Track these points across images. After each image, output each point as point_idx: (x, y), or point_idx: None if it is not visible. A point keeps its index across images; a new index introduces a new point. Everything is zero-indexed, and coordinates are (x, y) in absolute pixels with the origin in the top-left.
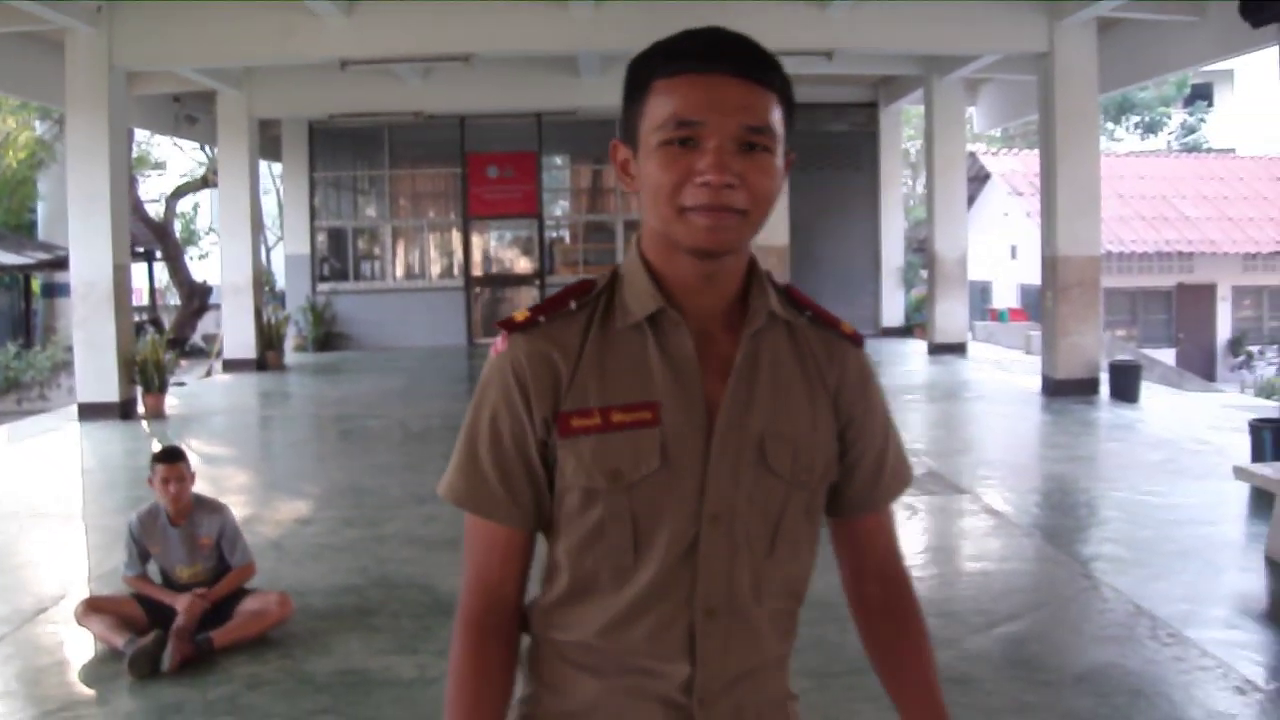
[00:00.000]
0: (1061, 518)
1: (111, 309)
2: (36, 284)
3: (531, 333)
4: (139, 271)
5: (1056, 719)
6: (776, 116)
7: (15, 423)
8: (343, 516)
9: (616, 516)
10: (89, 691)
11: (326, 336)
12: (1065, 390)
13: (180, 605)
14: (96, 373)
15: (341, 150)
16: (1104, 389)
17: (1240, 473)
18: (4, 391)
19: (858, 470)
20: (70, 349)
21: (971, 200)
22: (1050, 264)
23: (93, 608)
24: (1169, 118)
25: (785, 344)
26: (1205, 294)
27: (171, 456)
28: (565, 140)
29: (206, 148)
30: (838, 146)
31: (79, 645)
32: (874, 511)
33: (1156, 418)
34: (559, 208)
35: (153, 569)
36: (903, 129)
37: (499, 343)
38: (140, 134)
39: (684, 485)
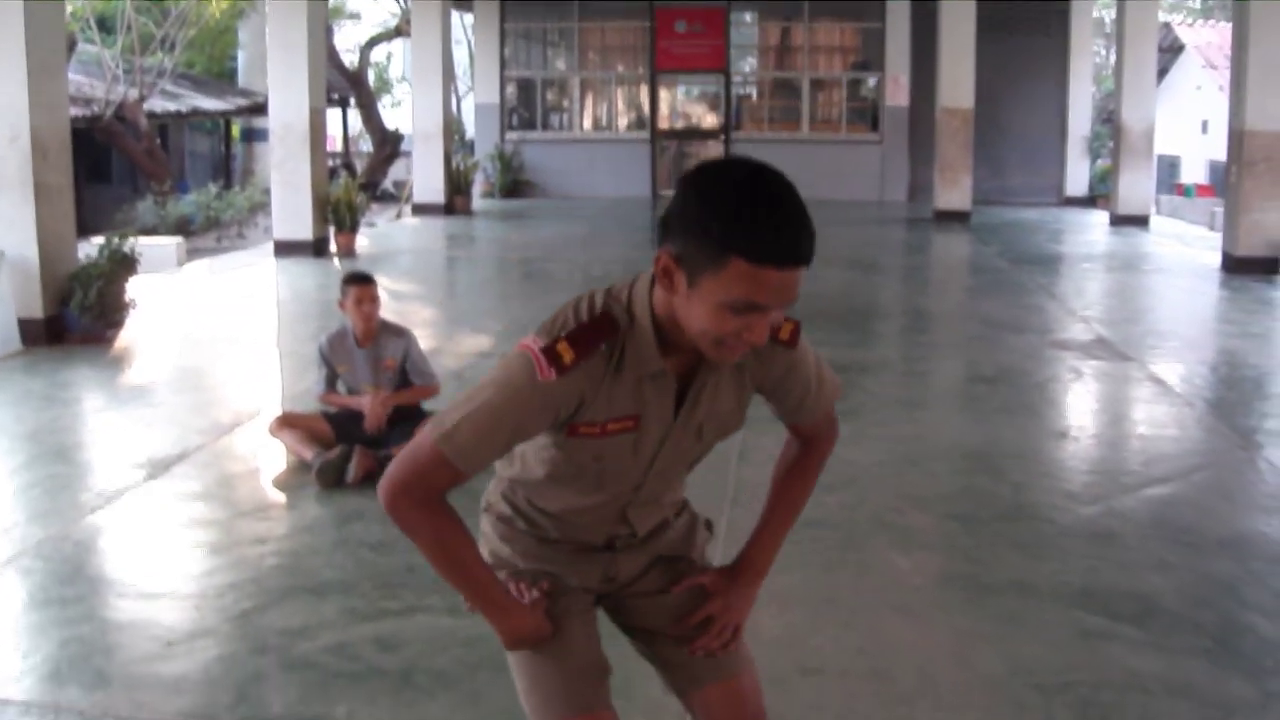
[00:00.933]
0: (1226, 390)
1: (307, 151)
2: (236, 129)
3: (571, 375)
4: (333, 118)
5: (1194, 578)
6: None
7: (215, 258)
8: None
9: (592, 475)
10: (279, 497)
11: (513, 184)
12: (1245, 268)
13: (365, 405)
14: (293, 212)
15: (532, 1)
16: None
17: None
18: (205, 230)
19: (784, 408)
20: (267, 191)
21: (1164, 73)
22: (1237, 137)
23: (285, 423)
24: None
25: (729, 371)
26: None
27: (364, 279)
28: None
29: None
30: (1027, 13)
31: (271, 456)
32: (796, 424)
33: None
34: (746, 64)
35: (340, 391)
36: None
37: (543, 366)
38: None
39: (643, 461)
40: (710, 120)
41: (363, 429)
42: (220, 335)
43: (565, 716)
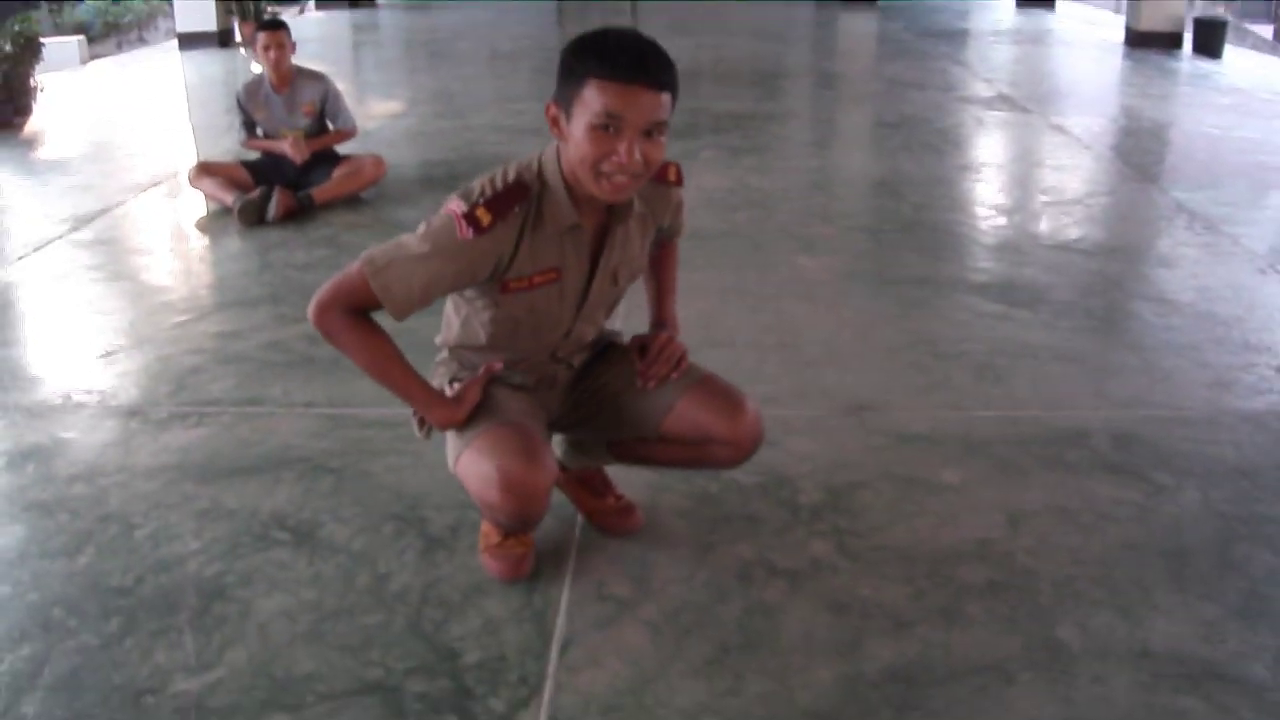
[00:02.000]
0: (1123, 138)
1: None
2: None
3: (489, 234)
4: None
5: (1085, 275)
6: (668, 108)
7: (118, 55)
8: (434, 111)
9: (527, 327)
10: (202, 237)
11: None
12: (1147, 42)
13: (285, 147)
14: (195, 3)
15: None
16: (1187, 47)
17: None
18: (104, 36)
19: (666, 234)
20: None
21: None
22: None
23: (204, 171)
24: None
25: (635, 219)
26: None
27: (272, 25)
28: None
29: None
30: None
31: (191, 204)
32: (669, 242)
33: (1237, 72)
34: None
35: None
36: None
37: (463, 227)
38: None
39: (569, 307)
40: None
41: (282, 174)
42: (131, 116)
43: (500, 462)
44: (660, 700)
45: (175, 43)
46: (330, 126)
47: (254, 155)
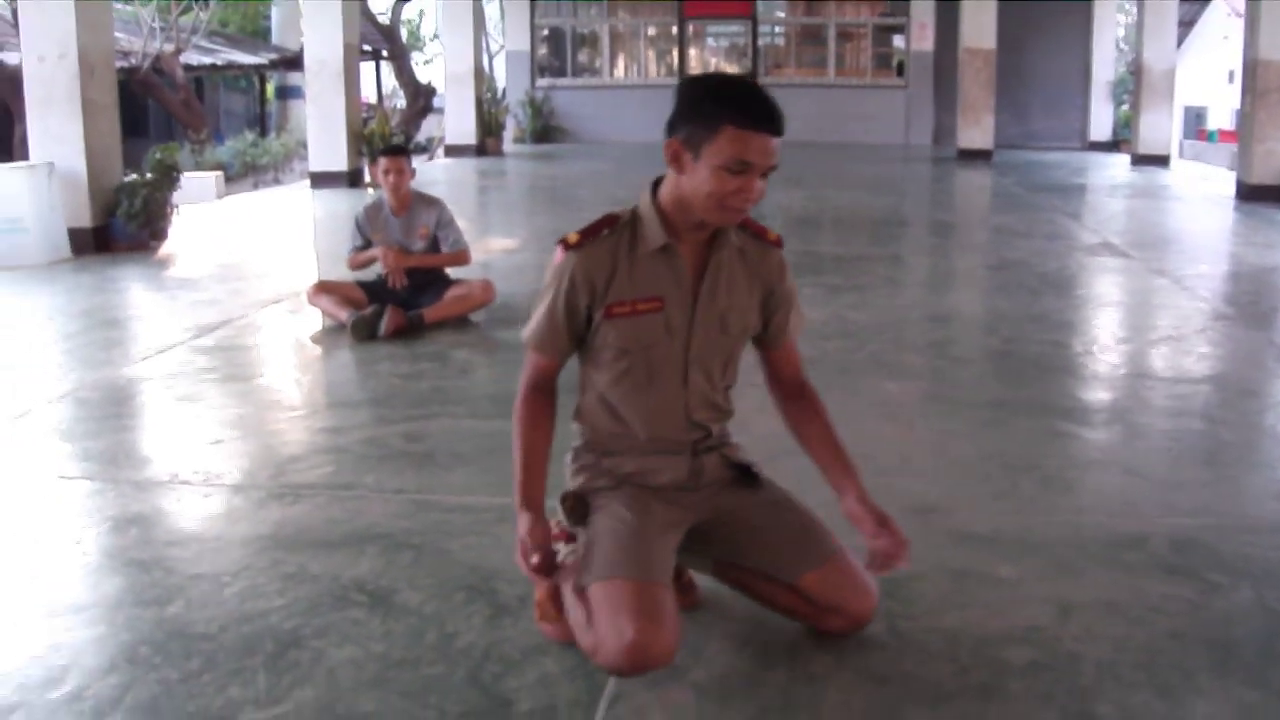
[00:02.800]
0: (1221, 281)
1: (341, 85)
2: (270, 88)
3: (581, 250)
4: (366, 73)
5: (1165, 402)
6: (780, 151)
7: (253, 192)
8: (548, 248)
9: (641, 362)
10: (315, 349)
11: (544, 129)
12: (1259, 195)
13: (380, 254)
14: (327, 145)
15: None
16: None
17: None
18: (241, 176)
19: (773, 321)
20: (303, 143)
21: (1192, 23)
22: (1251, 68)
23: (322, 289)
24: None
25: (736, 257)
26: None
27: (392, 150)
28: None
29: None
30: None
31: (308, 320)
32: (786, 342)
33: None
34: (774, 10)
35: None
36: None
37: (559, 253)
38: None
39: (678, 345)
40: (736, 66)
41: (395, 294)
42: (260, 244)
43: (617, 577)
44: None
45: (308, 181)
46: (442, 247)
47: (370, 276)
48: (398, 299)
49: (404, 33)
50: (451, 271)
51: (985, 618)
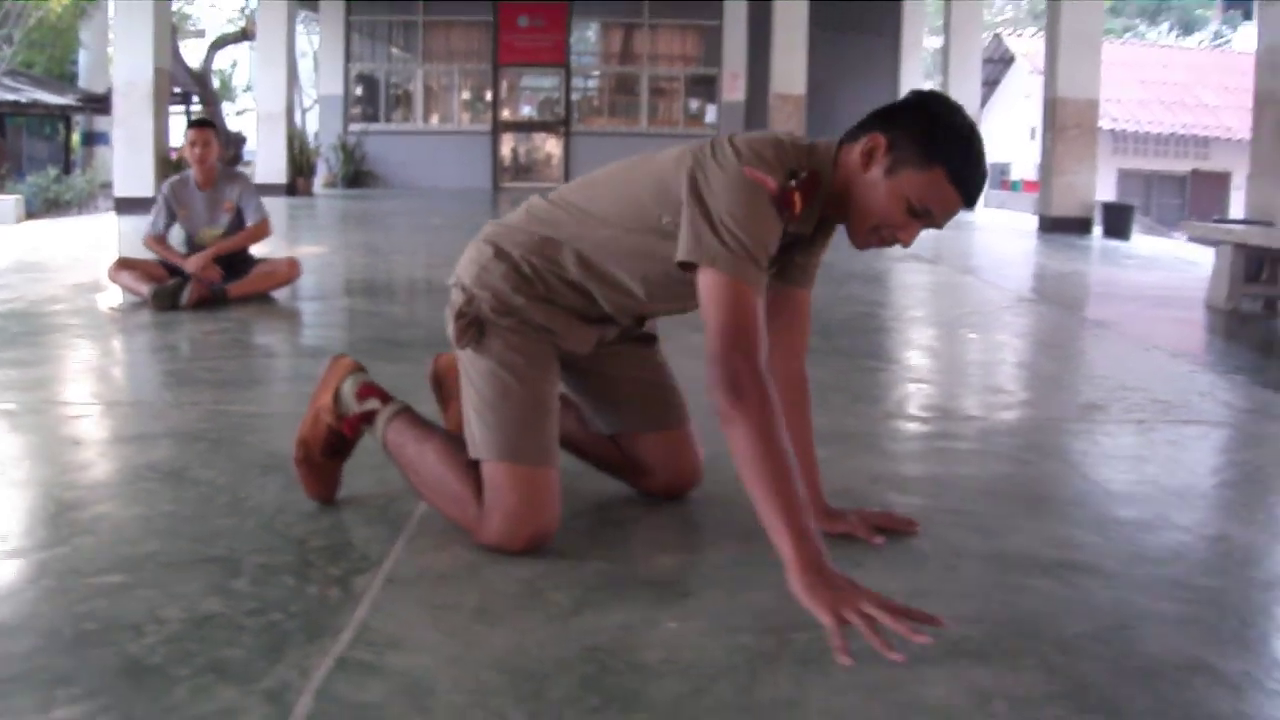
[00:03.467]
0: (1025, 281)
1: (150, 108)
2: (77, 135)
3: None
4: (177, 120)
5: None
6: None
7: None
8: (357, 253)
9: (657, 284)
10: (116, 315)
11: (356, 174)
12: (1060, 227)
13: (188, 266)
14: (135, 168)
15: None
16: (1097, 230)
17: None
18: (43, 212)
19: (806, 267)
20: (108, 184)
21: (995, 83)
22: (1050, 105)
23: (123, 265)
24: (1206, 22)
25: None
26: (1220, 182)
27: (201, 123)
28: None
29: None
30: (860, 12)
31: (111, 297)
32: (796, 288)
33: (1147, 248)
34: (588, 59)
35: (179, 237)
36: None
37: (780, 204)
38: None
39: None
40: (550, 113)
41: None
42: (61, 251)
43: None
44: (499, 572)
45: (113, 208)
46: (246, 219)
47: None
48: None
49: (216, 81)
50: (258, 252)
51: None
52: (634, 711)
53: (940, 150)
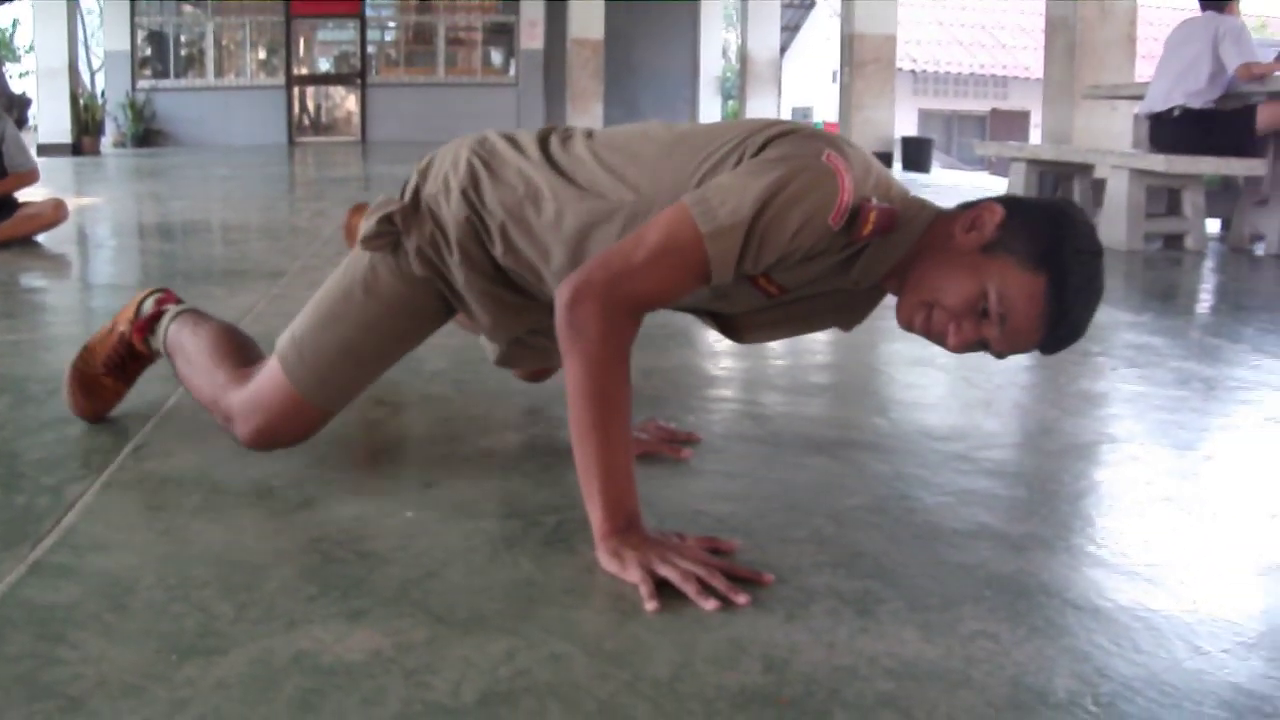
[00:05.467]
0: None
1: None
2: None
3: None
4: None
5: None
6: None
7: None
8: (135, 201)
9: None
10: None
11: (145, 133)
12: None
13: None
14: None
15: None
16: (898, 164)
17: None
18: None
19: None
20: None
21: (796, 27)
22: (848, 41)
23: None
24: None
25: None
26: (1019, 120)
27: None
28: None
29: None
30: None
31: None
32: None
33: (947, 179)
34: (384, 10)
35: None
36: None
37: (838, 211)
38: None
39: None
40: (346, 65)
41: None
42: None
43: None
44: (231, 472)
45: None
46: (8, 171)
47: None
48: None
49: None
50: (22, 197)
51: None
52: (354, 598)
53: (1057, 262)
